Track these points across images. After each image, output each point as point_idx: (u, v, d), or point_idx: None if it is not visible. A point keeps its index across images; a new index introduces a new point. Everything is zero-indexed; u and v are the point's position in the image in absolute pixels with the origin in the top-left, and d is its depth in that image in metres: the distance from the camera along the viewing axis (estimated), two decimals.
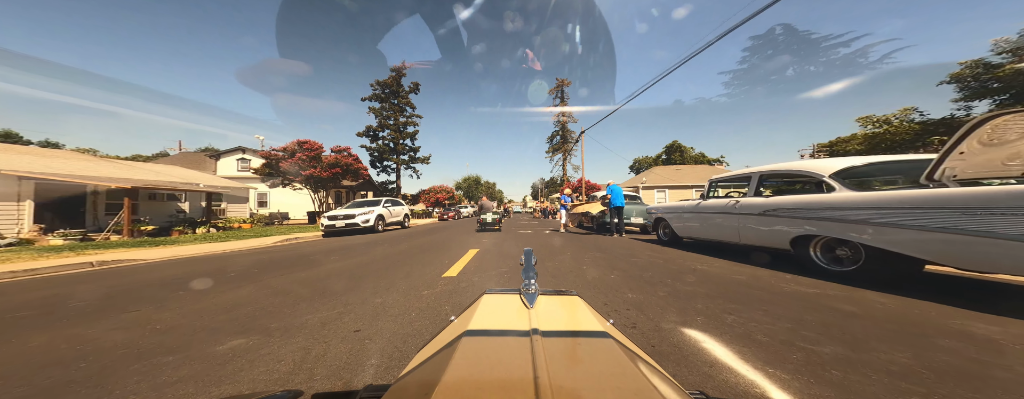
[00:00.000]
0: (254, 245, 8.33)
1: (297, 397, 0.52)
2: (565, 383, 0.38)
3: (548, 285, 3.31)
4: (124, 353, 1.90)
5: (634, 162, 65.47)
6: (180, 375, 1.62)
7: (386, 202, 13.68)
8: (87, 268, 5.42)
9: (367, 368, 1.64)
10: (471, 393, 0.37)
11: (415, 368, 0.51)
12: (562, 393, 0.36)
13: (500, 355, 0.49)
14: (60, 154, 12.79)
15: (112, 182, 10.57)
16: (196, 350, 1.91)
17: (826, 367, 1.55)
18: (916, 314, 2.24)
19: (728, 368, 1.56)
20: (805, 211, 3.42)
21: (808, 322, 2.12)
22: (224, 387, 1.51)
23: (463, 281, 3.53)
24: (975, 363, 1.57)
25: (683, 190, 30.09)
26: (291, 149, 19.27)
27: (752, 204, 4.16)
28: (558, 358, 0.46)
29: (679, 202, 6.27)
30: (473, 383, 0.40)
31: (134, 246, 8.12)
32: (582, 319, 0.66)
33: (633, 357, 0.48)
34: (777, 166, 4.19)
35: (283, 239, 9.72)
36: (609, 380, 0.42)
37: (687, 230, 5.77)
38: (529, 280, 0.80)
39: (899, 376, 1.46)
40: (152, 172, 13.62)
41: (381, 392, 0.44)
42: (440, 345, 0.55)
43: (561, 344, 0.52)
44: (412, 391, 0.42)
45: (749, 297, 2.71)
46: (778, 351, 1.72)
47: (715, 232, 4.94)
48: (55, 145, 36.26)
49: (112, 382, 1.58)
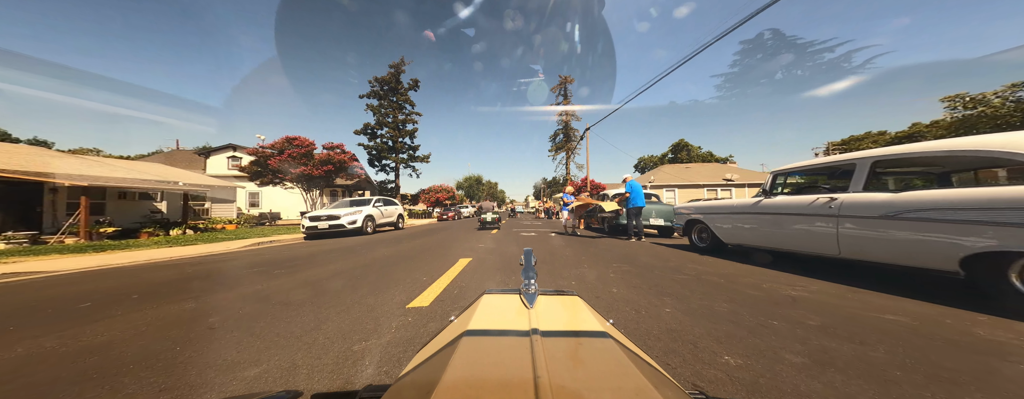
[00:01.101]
0: (214, 250, 7.14)
1: (297, 397, 0.52)
2: (565, 383, 0.38)
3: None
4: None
5: (639, 161, 64.11)
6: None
7: (377, 201, 12.49)
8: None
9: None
10: (471, 393, 0.37)
11: (415, 368, 0.51)
12: (562, 393, 0.35)
13: (500, 355, 0.49)
14: (17, 150, 11.69)
15: (66, 179, 9.43)
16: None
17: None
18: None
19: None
20: (999, 213, 2.15)
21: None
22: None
23: (435, 316, 2.30)
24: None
25: (693, 189, 28.76)
26: (279, 146, 18.13)
27: (869, 203, 2.85)
28: (558, 358, 0.45)
29: (721, 201, 5.02)
30: (473, 383, 0.40)
31: (75, 252, 6.95)
32: (582, 319, 0.65)
33: (633, 357, 0.48)
34: (908, 148, 2.80)
35: (254, 243, 8.53)
36: (609, 380, 0.41)
37: (739, 235, 4.49)
38: (529, 280, 0.79)
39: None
40: (122, 169, 12.49)
41: (381, 392, 0.43)
42: (440, 345, 0.55)
43: (561, 344, 0.51)
44: (412, 390, 0.42)
45: (964, 370, 1.45)
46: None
47: (793, 240, 3.62)
48: (43, 143, 35.35)
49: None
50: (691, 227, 5.72)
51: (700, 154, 51.63)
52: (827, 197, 3.21)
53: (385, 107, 32.39)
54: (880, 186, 3.11)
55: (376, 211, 11.88)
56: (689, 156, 50.09)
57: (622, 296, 2.74)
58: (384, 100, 32.44)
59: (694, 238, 5.68)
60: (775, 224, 3.81)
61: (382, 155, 33.05)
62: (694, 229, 5.68)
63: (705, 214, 5.21)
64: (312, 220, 9.92)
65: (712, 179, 29.44)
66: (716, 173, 30.93)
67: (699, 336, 1.89)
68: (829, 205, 3.16)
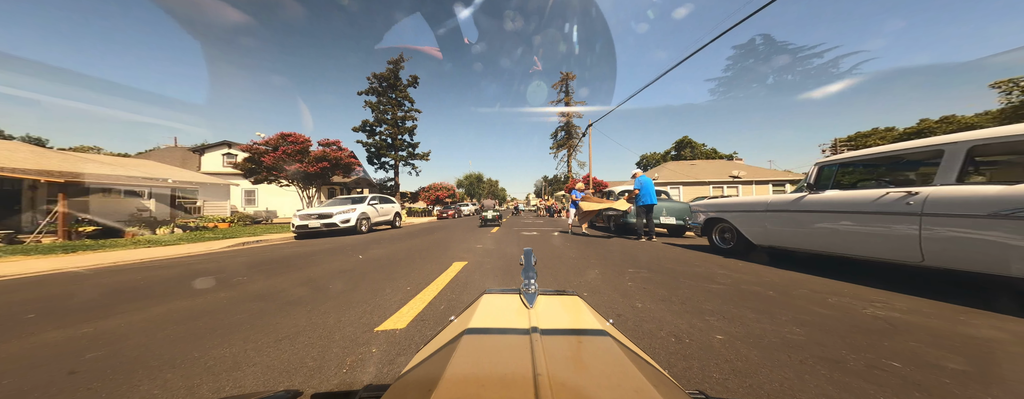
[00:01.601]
0: (193, 251, 6.60)
1: (296, 397, 0.51)
2: (565, 381, 0.38)
3: None
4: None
5: (641, 159, 63.37)
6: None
7: (372, 199, 11.93)
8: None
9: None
10: (471, 390, 0.37)
11: (416, 366, 0.51)
12: (562, 390, 0.35)
13: (500, 353, 0.49)
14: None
15: (39, 175, 8.90)
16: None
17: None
18: None
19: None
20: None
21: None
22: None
23: (411, 344, 1.73)
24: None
25: (699, 187, 28.10)
26: (273, 142, 17.58)
27: (969, 198, 2.21)
28: (558, 356, 0.45)
29: (749, 198, 4.42)
30: (473, 380, 0.40)
31: (43, 253, 6.42)
32: (582, 318, 0.64)
33: (632, 356, 0.47)
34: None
35: (239, 243, 7.98)
36: (608, 378, 0.41)
37: (776, 237, 3.88)
38: (529, 280, 0.78)
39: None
40: (107, 166, 11.97)
41: (382, 391, 0.43)
42: (441, 344, 0.55)
43: (561, 342, 0.51)
44: (413, 388, 0.42)
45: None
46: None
47: (855, 244, 2.95)
48: (37, 141, 34.87)
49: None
50: (712, 227, 5.13)
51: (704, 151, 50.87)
52: (902, 192, 2.59)
53: (384, 104, 31.83)
54: (975, 178, 2.49)
55: (371, 209, 11.33)
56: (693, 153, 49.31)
57: (650, 313, 2.16)
58: (383, 97, 31.88)
59: (716, 239, 5.09)
60: (827, 224, 3.19)
61: (381, 153, 32.51)
62: (715, 229, 5.08)
63: (730, 212, 4.61)
64: (302, 218, 9.37)
65: (718, 176, 28.76)
66: (722, 170, 30.24)
67: (792, 386, 1.30)
68: (907, 201, 2.54)
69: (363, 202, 11.33)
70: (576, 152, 45.95)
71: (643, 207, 6.72)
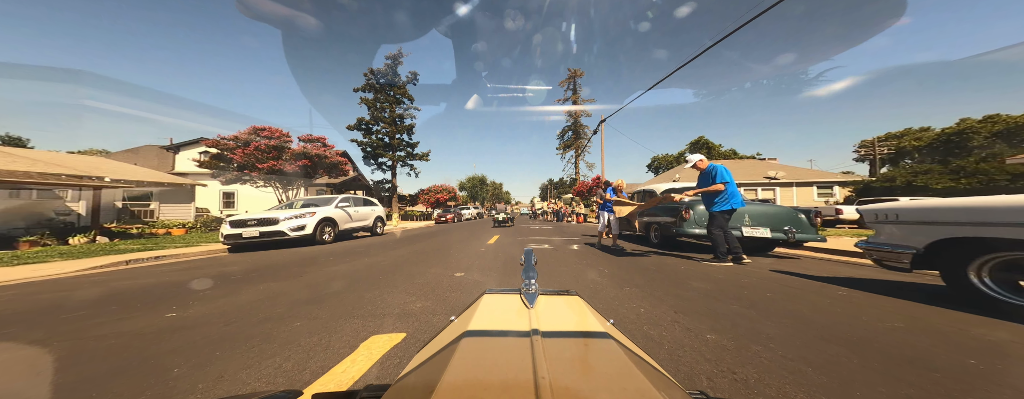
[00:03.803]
0: (33, 275, 4.29)
1: (296, 397, 0.50)
2: (566, 383, 0.37)
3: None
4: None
5: (652, 160, 60.72)
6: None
7: (343, 200, 9.65)
8: None
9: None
10: (471, 393, 0.36)
11: (415, 368, 0.50)
12: (563, 393, 0.34)
13: (500, 355, 0.48)
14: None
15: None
16: None
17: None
18: None
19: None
20: None
21: None
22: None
23: None
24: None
25: None
26: (244, 137, 15.43)
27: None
28: (559, 358, 0.44)
29: None
30: (473, 383, 0.39)
31: None
32: (583, 319, 0.63)
33: (634, 358, 0.46)
34: None
35: (122, 261, 5.66)
36: (610, 380, 0.41)
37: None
38: (529, 280, 0.77)
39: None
40: (19, 160, 9.83)
41: (381, 392, 0.42)
42: (440, 345, 0.54)
43: (562, 344, 0.50)
44: (412, 391, 0.41)
45: None
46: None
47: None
48: (17, 141, 33.21)
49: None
50: (949, 254, 2.54)
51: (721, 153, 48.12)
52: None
53: (381, 101, 29.79)
54: None
55: (339, 213, 9.01)
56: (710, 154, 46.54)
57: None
58: (380, 94, 29.83)
59: (976, 281, 2.44)
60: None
61: (378, 152, 30.43)
62: (973, 265, 2.43)
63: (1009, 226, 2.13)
64: (234, 226, 7.06)
65: (751, 178, 26.10)
66: (755, 171, 27.54)
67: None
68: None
69: (329, 204, 9.04)
70: (584, 152, 43.57)
71: (722, 213, 4.29)
